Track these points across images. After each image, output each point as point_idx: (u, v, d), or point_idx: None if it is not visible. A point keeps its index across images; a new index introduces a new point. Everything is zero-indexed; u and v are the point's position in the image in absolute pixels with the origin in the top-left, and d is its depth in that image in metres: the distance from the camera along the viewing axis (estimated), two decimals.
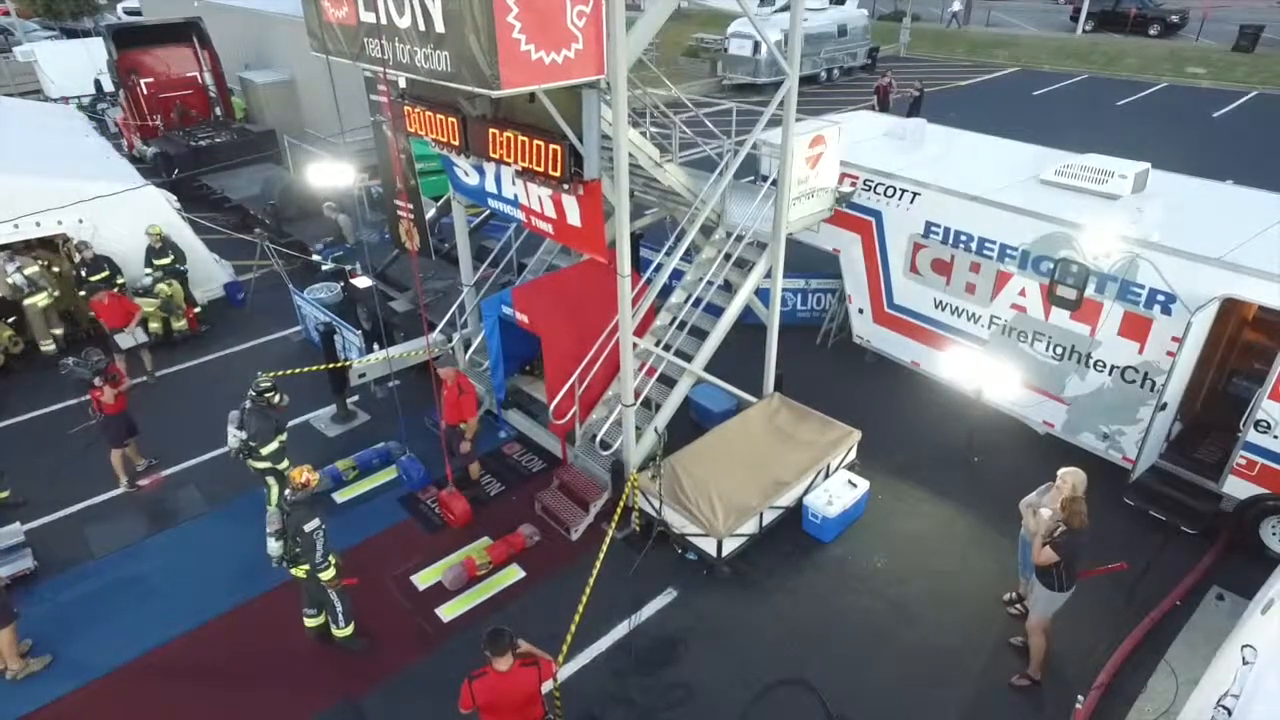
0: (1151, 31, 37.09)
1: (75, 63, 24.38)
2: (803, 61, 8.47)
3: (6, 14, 37.21)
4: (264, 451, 8.46)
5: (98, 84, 23.51)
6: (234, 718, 6.92)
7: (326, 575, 7.01)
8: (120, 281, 12.06)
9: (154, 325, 12.24)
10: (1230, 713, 4.45)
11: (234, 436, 8.53)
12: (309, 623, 7.44)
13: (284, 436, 8.63)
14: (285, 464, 8.59)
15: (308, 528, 6.79)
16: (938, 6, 44.29)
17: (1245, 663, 4.73)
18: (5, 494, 9.27)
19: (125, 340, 11.23)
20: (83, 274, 11.87)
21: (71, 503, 9.33)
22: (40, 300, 11.83)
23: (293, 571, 7.11)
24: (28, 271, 11.70)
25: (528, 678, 5.39)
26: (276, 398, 8.55)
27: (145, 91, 19.60)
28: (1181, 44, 35.53)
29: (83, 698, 7.07)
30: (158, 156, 18.80)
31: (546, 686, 6.22)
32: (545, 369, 9.23)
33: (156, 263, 12.36)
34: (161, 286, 12.28)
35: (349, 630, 7.36)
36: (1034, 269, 8.99)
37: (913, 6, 40.06)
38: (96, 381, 8.93)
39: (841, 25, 30.10)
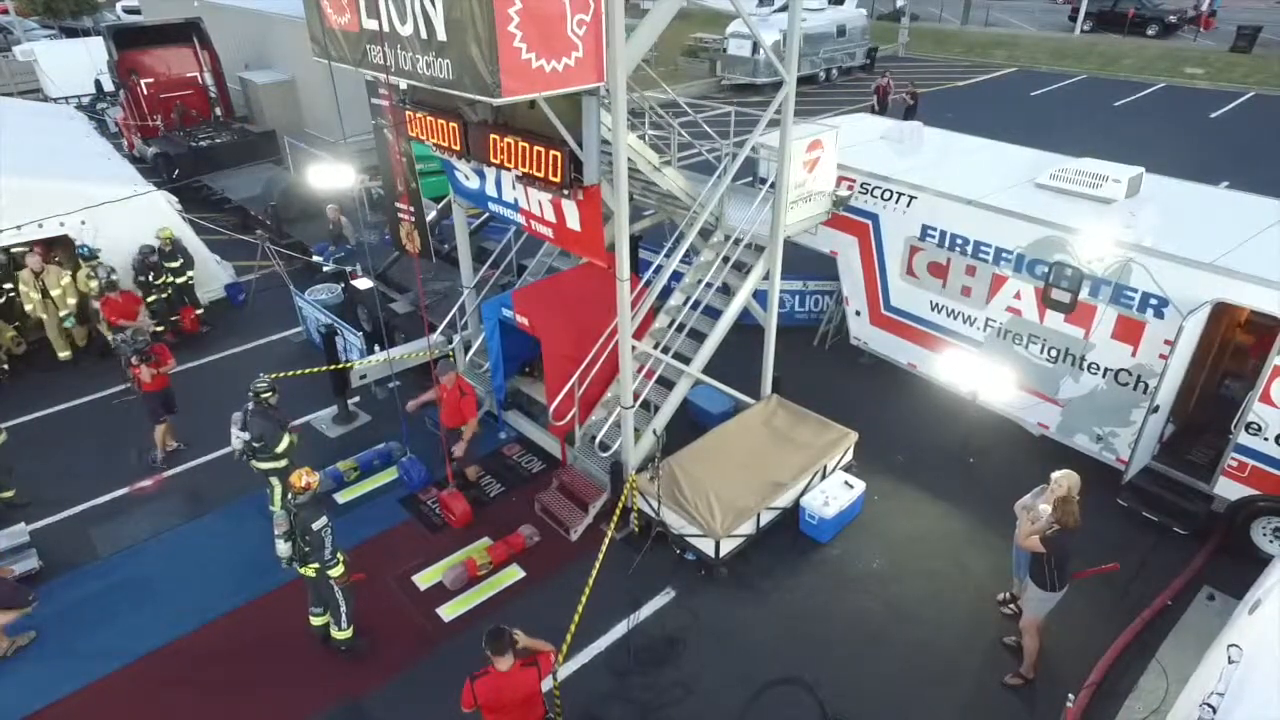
0: (1149, 32, 37.18)
1: (75, 62, 24.35)
2: (801, 62, 8.57)
3: (5, 12, 37.19)
4: (278, 450, 8.57)
5: (98, 84, 23.52)
6: (236, 718, 7.00)
7: (335, 572, 7.12)
8: (191, 274, 12.77)
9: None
10: (1215, 710, 4.54)
11: (237, 438, 8.62)
12: (314, 621, 7.53)
13: (293, 436, 8.73)
14: (285, 464, 8.68)
15: (315, 526, 6.89)
16: (936, 6, 44.35)
17: (1231, 662, 4.82)
18: (10, 494, 9.35)
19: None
20: (162, 264, 12.36)
21: (76, 503, 9.41)
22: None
23: (301, 571, 7.19)
24: None
25: (528, 678, 5.46)
26: (275, 399, 8.64)
27: (145, 92, 19.65)
28: (1179, 44, 35.61)
29: (86, 697, 7.15)
30: (158, 157, 18.85)
31: (546, 685, 6.32)
32: (545, 371, 9.32)
33: (166, 265, 12.43)
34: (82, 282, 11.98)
35: (349, 633, 7.44)
36: (1029, 272, 9.08)
37: (911, 6, 40.10)
38: (135, 360, 9.39)
39: (840, 25, 30.15)
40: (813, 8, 28.79)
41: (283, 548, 7.12)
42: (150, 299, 12.29)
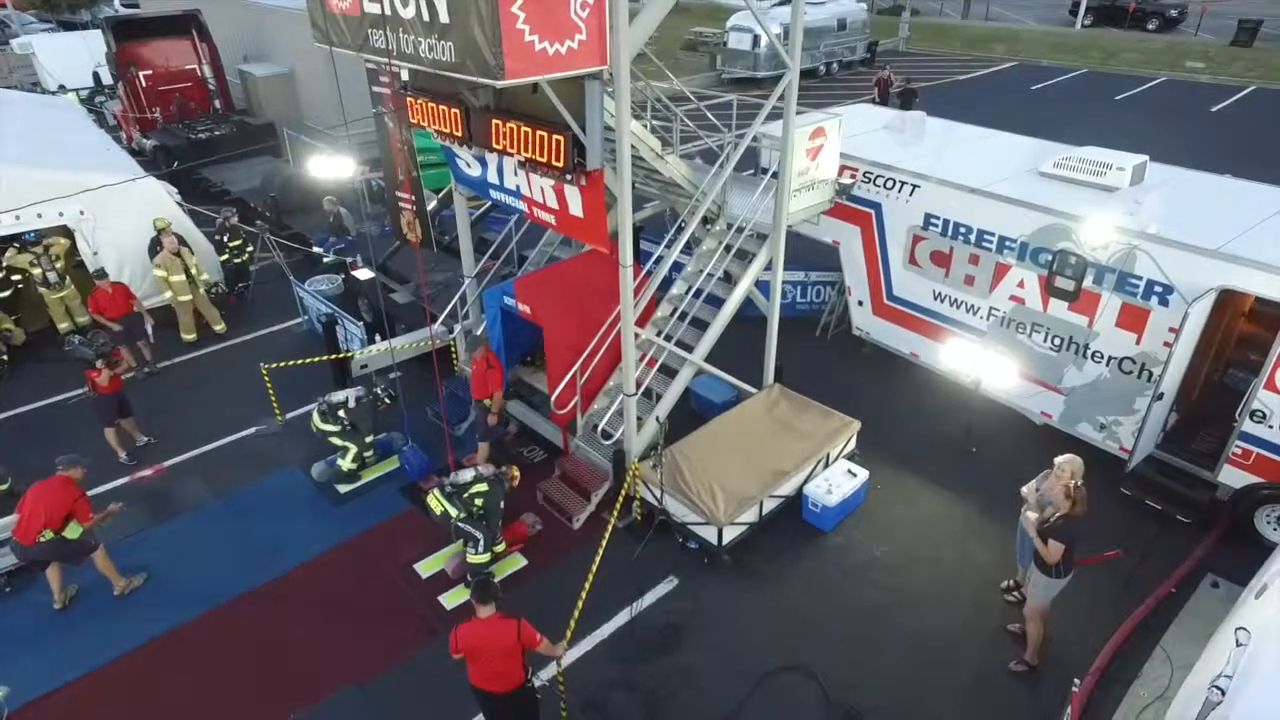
0: (1150, 26, 37.10)
1: (73, 55, 24.30)
2: (802, 55, 8.51)
3: (3, 6, 37.07)
4: (367, 439, 9.42)
5: (96, 76, 23.45)
6: (239, 705, 6.97)
7: (500, 547, 8.06)
8: (251, 250, 13.51)
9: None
10: (1224, 693, 4.52)
11: (343, 394, 9.36)
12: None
13: (371, 438, 9.55)
14: (339, 429, 9.34)
15: (501, 505, 7.90)
16: (937, 1, 44.24)
17: (1239, 645, 4.80)
18: (4, 486, 9.29)
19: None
20: (224, 239, 13.20)
21: None
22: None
23: (452, 515, 7.85)
24: None
25: (505, 628, 5.62)
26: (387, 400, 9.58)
27: (144, 84, 19.56)
28: (1180, 39, 35.54)
29: (87, 685, 7.13)
30: (157, 149, 18.79)
31: (550, 672, 6.32)
32: (547, 359, 9.28)
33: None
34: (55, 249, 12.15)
35: (486, 556, 7.87)
36: (1032, 261, 9.05)
37: (912, 1, 40.01)
38: (98, 363, 9.27)
39: (841, 19, 30.08)
40: (813, 1, 28.70)
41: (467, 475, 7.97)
42: (223, 258, 13.34)
